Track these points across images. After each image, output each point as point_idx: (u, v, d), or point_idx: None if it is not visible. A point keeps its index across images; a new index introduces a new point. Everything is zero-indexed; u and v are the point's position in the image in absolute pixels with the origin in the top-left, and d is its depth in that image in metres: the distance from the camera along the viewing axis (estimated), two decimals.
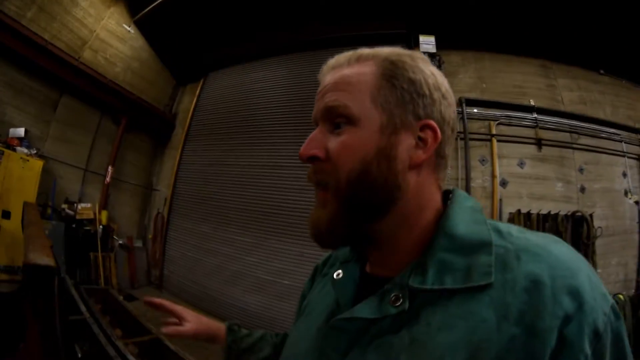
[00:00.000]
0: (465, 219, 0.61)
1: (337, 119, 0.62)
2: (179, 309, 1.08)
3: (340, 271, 0.72)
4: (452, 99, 0.65)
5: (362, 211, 0.61)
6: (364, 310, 0.58)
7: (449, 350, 0.49)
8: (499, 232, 0.58)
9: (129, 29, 6.85)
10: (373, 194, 0.60)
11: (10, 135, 5.33)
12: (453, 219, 0.60)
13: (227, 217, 6.67)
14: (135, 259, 7.17)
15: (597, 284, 0.51)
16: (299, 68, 6.51)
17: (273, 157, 6.38)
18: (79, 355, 3.40)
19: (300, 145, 0.64)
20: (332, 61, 0.68)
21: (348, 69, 0.64)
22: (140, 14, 6.78)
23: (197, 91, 7.91)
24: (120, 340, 3.87)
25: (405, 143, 0.61)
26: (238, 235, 6.44)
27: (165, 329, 1.02)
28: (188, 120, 7.81)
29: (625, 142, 5.71)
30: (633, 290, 5.24)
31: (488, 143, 5.46)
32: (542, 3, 5.04)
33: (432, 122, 0.61)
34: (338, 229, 0.62)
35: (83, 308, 4.36)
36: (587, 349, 0.47)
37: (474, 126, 5.50)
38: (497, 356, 0.47)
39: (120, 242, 6.89)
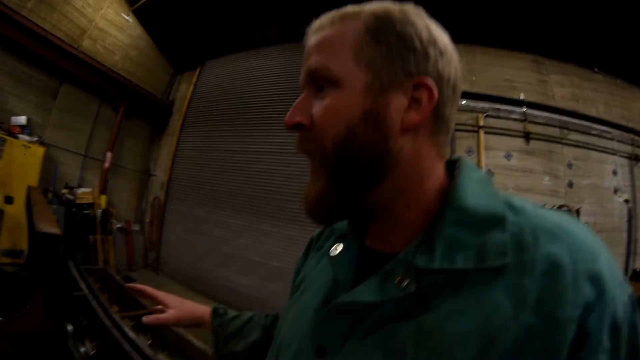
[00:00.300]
0: (476, 190, 0.56)
1: (320, 82, 0.58)
2: (161, 295, 1.07)
3: (337, 246, 0.68)
4: (452, 55, 0.60)
5: (352, 180, 0.57)
6: (366, 292, 0.54)
7: (460, 340, 0.46)
8: (512, 207, 0.54)
9: (127, 18, 7.01)
10: (362, 161, 0.56)
11: (12, 124, 5.55)
12: (462, 190, 0.56)
13: (221, 201, 6.97)
14: (133, 242, 7.48)
15: (616, 271, 0.48)
16: (293, 58, 6.66)
17: (265, 143, 6.63)
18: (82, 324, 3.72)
19: (290, 133, 0.63)
20: (315, 23, 0.63)
21: (331, 29, 0.59)
22: (139, 3, 6.93)
23: (194, 79, 8.13)
24: (117, 314, 4.19)
25: (396, 104, 0.56)
26: (230, 219, 6.75)
27: (145, 319, 1.00)
28: (185, 107, 8.06)
29: (617, 141, 5.76)
30: None
31: (475, 134, 5.55)
32: None
33: (427, 80, 0.56)
34: (329, 202, 0.59)
35: (83, 285, 4.68)
36: (606, 342, 0.45)
37: (462, 117, 5.58)
38: (513, 347, 0.44)
39: (119, 225, 7.18)
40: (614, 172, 5.73)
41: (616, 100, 6.08)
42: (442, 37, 0.60)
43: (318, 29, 0.61)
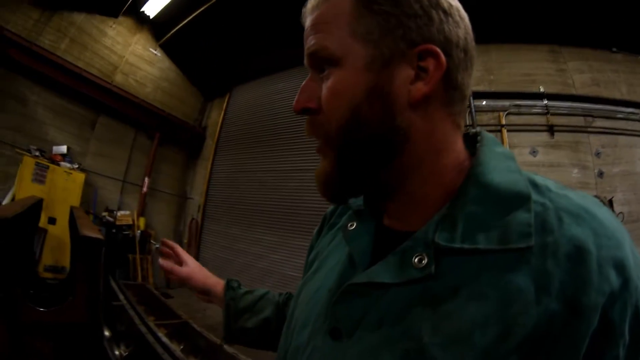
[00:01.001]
0: (499, 166, 0.54)
1: (321, 63, 0.57)
2: (186, 256, 1.13)
3: (353, 222, 0.67)
4: (459, 13, 0.57)
5: (360, 160, 0.56)
6: (383, 273, 0.53)
7: (480, 324, 0.45)
8: (535, 185, 0.52)
9: (155, 52, 7.82)
10: (369, 140, 0.55)
11: (54, 152, 6.28)
12: (485, 165, 0.54)
13: (254, 219, 7.35)
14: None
15: (639, 259, 0.47)
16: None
17: (293, 161, 7.01)
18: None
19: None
20: (310, 2, 0.61)
21: (325, 5, 0.58)
22: (165, 38, 7.68)
23: (224, 105, 8.81)
24: (152, 322, 4.54)
25: (402, 76, 0.53)
26: (264, 235, 7.09)
27: (162, 262, 1.08)
28: (217, 132, 8.70)
29: None
30: None
31: (498, 134, 5.50)
32: None
33: (433, 47, 0.53)
34: (339, 180, 0.58)
35: (121, 297, 5.11)
36: (627, 334, 0.44)
37: (483, 118, 5.58)
38: (533, 334, 0.43)
39: (157, 246, 7.66)
40: None
41: (639, 79, 5.83)
42: None
43: (313, 9, 0.59)
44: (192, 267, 1.09)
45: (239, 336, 1.01)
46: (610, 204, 4.89)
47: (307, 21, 0.60)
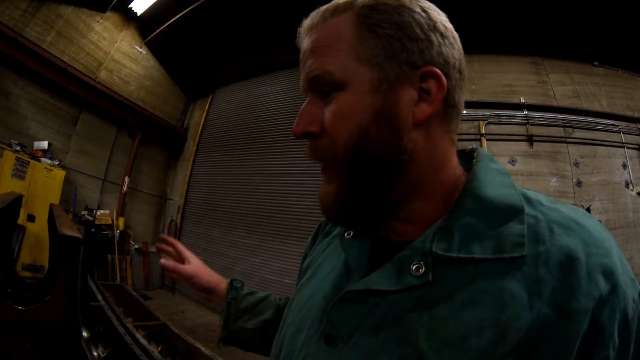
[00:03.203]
0: (494, 181, 0.58)
1: (323, 87, 0.58)
2: (188, 253, 1.12)
3: (350, 231, 0.68)
4: (453, 35, 0.61)
5: (369, 182, 0.57)
6: (381, 280, 0.55)
7: (475, 328, 0.47)
8: (528, 199, 0.56)
9: (140, 50, 7.95)
10: (377, 163, 0.56)
11: (35, 148, 6.31)
12: (480, 180, 0.57)
13: (234, 222, 7.53)
14: (150, 262, 8.06)
15: (627, 266, 0.50)
16: (298, 82, 7.23)
17: (275, 165, 7.23)
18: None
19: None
20: (307, 22, 0.63)
21: (324, 27, 0.59)
22: (151, 36, 7.83)
23: (207, 106, 9.01)
24: (130, 323, 4.60)
25: (406, 98, 0.56)
26: (244, 239, 7.27)
27: (164, 261, 1.05)
28: (198, 133, 8.89)
29: (623, 133, 5.71)
30: None
31: (478, 143, 5.60)
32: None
33: (434, 69, 0.56)
34: (349, 203, 0.59)
35: (100, 297, 5.14)
36: (616, 337, 0.46)
37: (463, 127, 5.70)
38: (527, 337, 0.46)
39: (136, 246, 7.81)
40: (624, 166, 5.66)
41: (619, 92, 6.07)
42: (441, 18, 0.60)
43: (311, 29, 0.61)
44: (195, 264, 1.09)
45: (236, 337, 1.02)
46: (588, 212, 5.02)
47: (305, 43, 0.61)
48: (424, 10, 0.58)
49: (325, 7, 0.61)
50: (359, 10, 0.57)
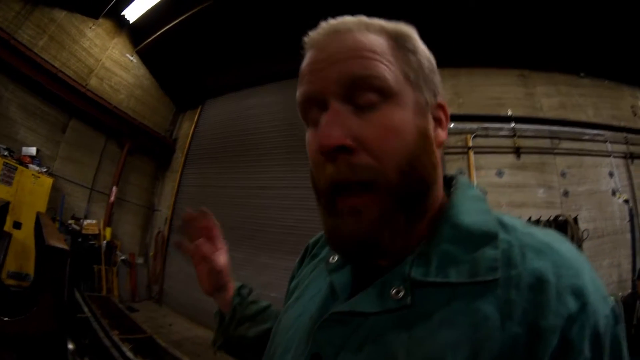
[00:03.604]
0: (471, 208, 0.60)
1: (367, 93, 0.54)
2: (220, 240, 1.07)
3: (334, 255, 0.69)
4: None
5: (414, 204, 0.57)
6: (364, 303, 0.57)
7: (450, 347, 0.49)
8: (503, 225, 0.58)
9: (131, 58, 7.93)
10: (423, 182, 0.57)
11: (23, 153, 6.18)
12: (457, 208, 0.59)
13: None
14: (136, 274, 7.96)
15: (599, 286, 0.52)
16: (288, 95, 7.33)
17: (263, 178, 7.26)
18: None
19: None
20: (332, 23, 0.60)
21: (365, 35, 0.57)
22: (142, 45, 7.82)
23: (196, 118, 9.00)
24: (117, 336, 4.50)
25: (431, 123, 0.60)
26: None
27: (200, 243, 1.01)
28: (187, 144, 8.85)
29: (610, 142, 5.90)
30: (629, 290, 5.18)
31: (465, 156, 5.80)
32: (516, 13, 5.37)
33: (444, 103, 0.62)
34: (389, 234, 0.56)
35: (86, 309, 5.03)
36: (587, 352, 0.47)
37: (451, 141, 5.80)
38: (499, 355, 0.47)
39: (123, 257, 7.66)
40: (610, 174, 5.82)
41: (605, 102, 6.25)
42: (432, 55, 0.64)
43: (345, 31, 0.58)
44: (225, 255, 1.05)
45: (233, 344, 1.00)
46: (575, 221, 5.15)
47: (335, 42, 0.58)
48: (427, 49, 0.63)
49: (354, 18, 0.60)
50: (397, 35, 0.59)
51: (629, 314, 4.81)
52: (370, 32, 0.57)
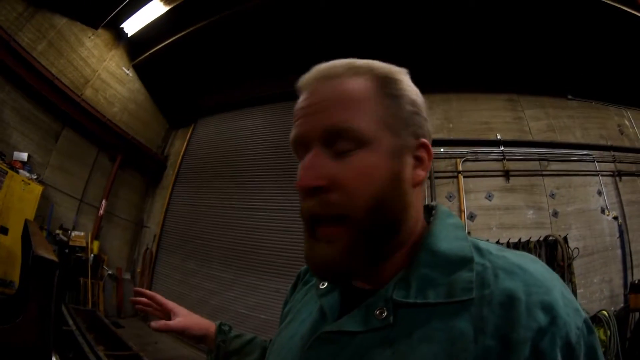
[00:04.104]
0: (448, 235, 0.64)
1: (344, 142, 0.60)
2: (171, 303, 1.15)
3: (324, 282, 0.74)
4: (426, 113, 0.68)
5: (380, 239, 0.62)
6: (350, 323, 0.61)
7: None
8: (478, 249, 0.62)
9: (127, 72, 7.94)
10: (390, 220, 0.62)
11: (14, 158, 6.05)
12: (436, 236, 0.64)
13: (211, 255, 7.42)
14: (123, 289, 7.71)
15: (570, 300, 0.55)
16: (280, 117, 7.53)
17: (253, 200, 7.25)
18: None
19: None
20: (322, 68, 0.66)
21: (346, 81, 0.63)
22: (139, 59, 7.86)
23: (188, 136, 9.00)
24: (102, 351, 4.35)
25: (409, 163, 0.63)
26: (220, 272, 7.18)
27: (154, 323, 1.07)
28: (178, 162, 8.82)
29: (597, 161, 6.07)
30: (621, 305, 5.36)
31: (455, 180, 5.90)
32: (504, 39, 5.59)
33: (426, 141, 0.65)
34: (355, 261, 0.61)
35: (71, 322, 4.86)
36: None
37: (441, 165, 5.97)
38: None
39: (110, 272, 7.46)
40: (599, 193, 5.94)
41: (593, 122, 6.44)
42: (421, 96, 0.68)
43: (331, 77, 0.64)
44: (182, 315, 1.12)
45: None
46: (565, 241, 5.22)
47: (321, 89, 0.63)
48: (415, 88, 0.67)
49: (344, 61, 0.66)
50: (382, 79, 0.64)
51: (623, 327, 4.93)
52: (358, 77, 0.63)
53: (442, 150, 5.99)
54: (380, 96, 0.62)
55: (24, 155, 6.18)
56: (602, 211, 5.87)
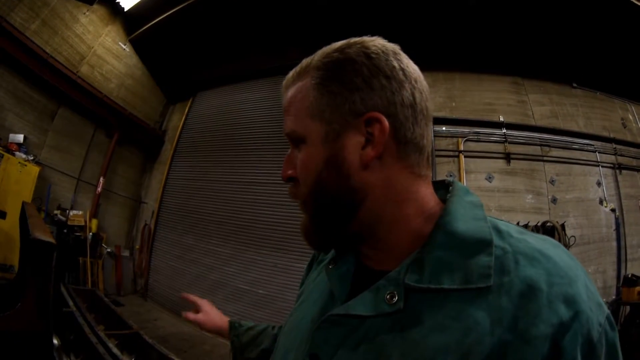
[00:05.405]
0: (466, 214, 0.61)
1: (296, 142, 0.68)
2: (200, 300, 1.30)
3: (336, 261, 0.74)
4: (405, 74, 0.63)
5: (326, 217, 0.66)
6: (359, 306, 0.60)
7: (441, 351, 0.51)
8: (498, 231, 0.59)
9: (124, 47, 7.71)
10: (331, 201, 0.64)
11: (10, 140, 5.96)
12: (452, 215, 0.61)
13: (209, 230, 7.38)
14: (122, 267, 7.76)
15: (594, 293, 0.53)
16: (278, 91, 7.22)
17: (251, 174, 7.16)
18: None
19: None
20: (286, 79, 0.73)
21: (292, 87, 0.69)
22: (136, 33, 7.62)
23: (186, 110, 8.80)
24: (102, 332, 4.38)
25: (352, 144, 0.62)
26: (218, 247, 7.15)
27: (185, 314, 1.25)
28: (176, 137, 8.66)
29: (599, 152, 6.09)
30: (613, 297, 5.44)
31: (456, 159, 5.86)
32: (513, 21, 5.46)
33: (375, 114, 0.61)
34: (316, 234, 0.70)
35: (71, 303, 4.88)
36: (580, 359, 0.48)
37: (442, 143, 5.91)
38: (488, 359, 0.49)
39: (109, 250, 7.48)
40: (598, 183, 5.98)
41: (596, 113, 6.41)
42: (390, 61, 0.63)
43: (286, 87, 0.72)
44: (206, 310, 1.26)
45: None
46: (562, 228, 5.25)
47: (284, 98, 0.72)
48: (369, 57, 0.63)
49: (295, 69, 0.71)
50: (313, 73, 0.66)
51: (614, 320, 5.01)
52: (300, 80, 0.68)
53: (444, 128, 5.95)
54: (310, 91, 0.65)
55: (20, 137, 6.09)
56: (601, 202, 5.91)
